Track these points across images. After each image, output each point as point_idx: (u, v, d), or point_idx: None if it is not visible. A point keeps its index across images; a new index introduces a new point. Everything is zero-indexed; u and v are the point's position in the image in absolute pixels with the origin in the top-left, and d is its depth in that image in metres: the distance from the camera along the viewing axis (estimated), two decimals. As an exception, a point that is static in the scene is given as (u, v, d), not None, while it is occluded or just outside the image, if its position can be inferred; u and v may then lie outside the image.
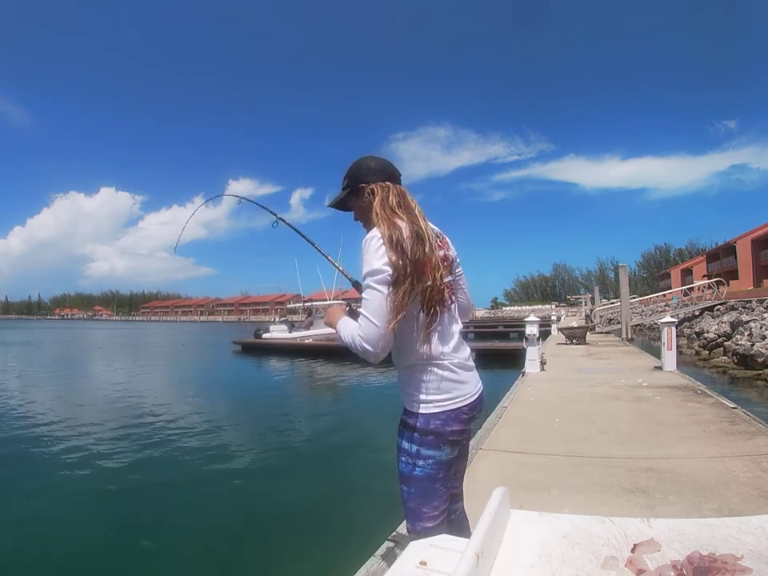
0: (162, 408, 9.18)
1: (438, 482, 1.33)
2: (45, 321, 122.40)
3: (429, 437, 1.30)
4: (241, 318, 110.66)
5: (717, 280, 23.54)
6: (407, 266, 1.21)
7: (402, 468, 1.35)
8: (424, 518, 1.35)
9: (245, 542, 3.73)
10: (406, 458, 1.34)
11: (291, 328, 24.96)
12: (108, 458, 5.91)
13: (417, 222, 1.30)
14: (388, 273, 1.21)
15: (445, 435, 1.31)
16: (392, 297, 1.21)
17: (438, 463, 1.32)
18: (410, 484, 1.34)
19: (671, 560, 0.70)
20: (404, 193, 1.39)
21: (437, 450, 1.31)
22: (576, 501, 2.60)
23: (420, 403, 1.32)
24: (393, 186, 1.38)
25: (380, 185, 1.37)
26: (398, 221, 1.28)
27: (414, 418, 1.32)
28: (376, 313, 1.21)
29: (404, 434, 1.35)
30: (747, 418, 4.28)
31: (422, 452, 1.31)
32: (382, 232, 1.25)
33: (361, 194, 1.39)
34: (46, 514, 4.28)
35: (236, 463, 5.80)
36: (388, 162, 1.44)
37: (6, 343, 31.31)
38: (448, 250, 1.41)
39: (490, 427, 4.30)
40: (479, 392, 1.40)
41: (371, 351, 1.23)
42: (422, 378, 1.32)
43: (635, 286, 66.45)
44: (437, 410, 1.31)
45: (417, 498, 1.34)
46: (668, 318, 8.34)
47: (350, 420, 8.27)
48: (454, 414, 1.32)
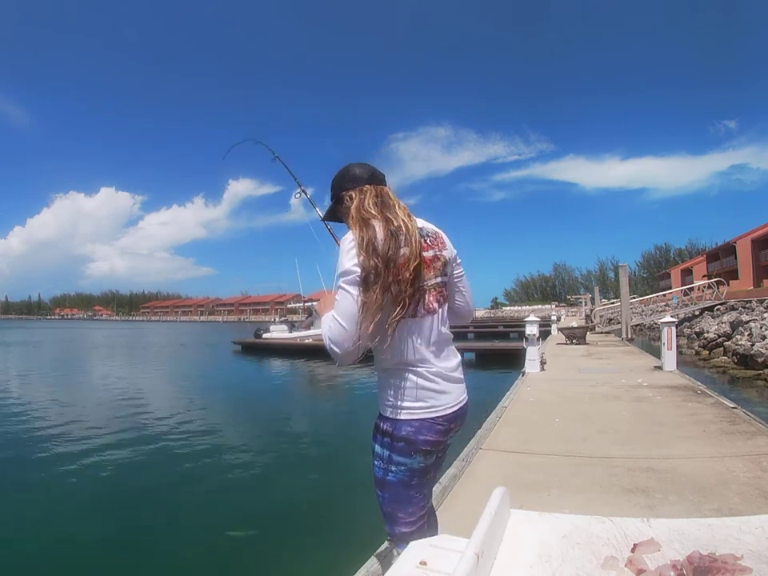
0: (162, 408, 9.18)
1: (411, 489, 1.31)
2: (45, 321, 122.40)
3: (400, 443, 1.27)
4: (241, 318, 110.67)
5: (717, 280, 23.54)
6: (378, 265, 1.19)
7: (376, 472, 1.33)
8: (400, 523, 1.33)
9: (245, 541, 3.73)
10: (379, 462, 1.31)
11: (291, 328, 24.96)
12: (108, 458, 5.91)
13: (396, 221, 1.28)
14: (357, 273, 1.20)
15: (417, 444, 1.27)
16: (362, 297, 1.19)
17: (410, 470, 1.29)
18: (384, 489, 1.32)
19: (671, 560, 0.70)
20: (384, 193, 1.38)
21: (408, 457, 1.28)
22: (576, 501, 2.60)
23: (392, 408, 1.28)
24: (371, 188, 1.37)
25: (358, 189, 1.37)
26: (372, 221, 1.26)
27: (386, 423, 1.29)
28: (344, 314, 1.20)
29: (376, 437, 1.32)
30: (747, 418, 4.28)
31: (393, 458, 1.28)
32: (354, 234, 1.24)
33: (343, 202, 1.40)
34: (47, 514, 4.28)
35: (236, 463, 5.80)
36: (368, 166, 1.43)
37: (7, 343, 31.31)
38: (441, 250, 1.36)
39: (490, 427, 4.30)
40: (461, 404, 1.35)
41: (337, 353, 1.22)
42: (395, 383, 1.29)
43: (635, 286, 66.44)
44: (408, 417, 1.27)
45: (391, 503, 1.32)
46: (668, 318, 8.35)
47: (350, 420, 8.27)
48: (428, 424, 1.27)
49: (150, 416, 8.47)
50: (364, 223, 1.26)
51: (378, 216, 1.28)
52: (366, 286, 1.19)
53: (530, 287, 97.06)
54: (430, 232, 1.36)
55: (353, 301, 1.20)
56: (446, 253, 1.37)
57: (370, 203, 1.32)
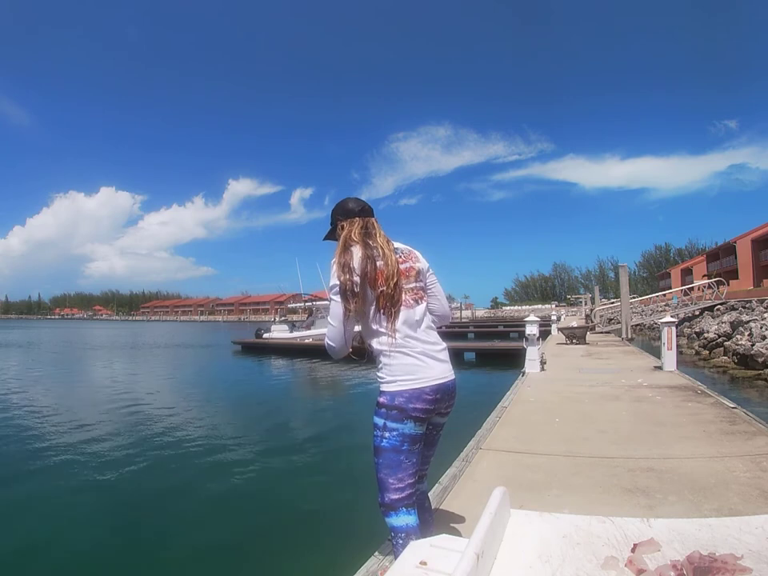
0: (162, 409, 9.19)
1: (402, 454, 1.55)
2: (45, 321, 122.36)
3: (393, 411, 1.54)
4: (241, 317, 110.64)
5: (717, 280, 23.54)
6: (354, 281, 1.55)
7: (373, 441, 1.59)
8: (390, 489, 1.55)
9: (245, 541, 3.73)
10: (377, 431, 1.57)
11: (292, 328, 24.95)
12: (109, 458, 5.91)
13: (374, 247, 1.63)
14: (338, 286, 1.56)
15: (408, 411, 1.53)
16: (345, 305, 1.56)
17: (402, 435, 1.54)
18: (379, 455, 1.57)
19: (671, 560, 0.70)
20: (370, 224, 1.73)
21: (400, 423, 1.54)
22: (576, 501, 2.60)
23: (386, 383, 1.58)
24: (360, 220, 1.72)
25: (348, 221, 1.72)
26: (353, 247, 1.62)
27: (383, 396, 1.58)
28: (333, 316, 1.60)
29: (376, 410, 1.59)
30: (747, 418, 4.27)
31: (388, 425, 1.55)
32: (337, 257, 1.62)
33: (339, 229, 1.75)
34: (47, 514, 4.29)
35: (236, 463, 5.80)
36: (360, 201, 1.78)
37: (8, 344, 31.30)
38: (415, 262, 1.72)
39: (489, 427, 4.30)
40: (446, 379, 1.63)
41: (332, 345, 1.63)
42: (386, 362, 1.59)
43: (635, 285, 66.42)
44: (400, 388, 1.55)
45: (384, 468, 1.56)
46: (668, 318, 8.34)
47: (351, 420, 8.26)
48: (417, 393, 1.55)
49: (151, 416, 8.47)
50: (345, 249, 1.63)
51: (359, 243, 1.64)
52: (346, 297, 1.55)
53: (529, 287, 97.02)
54: (404, 250, 1.73)
55: (338, 306, 1.57)
56: (418, 265, 1.72)
57: (356, 232, 1.68)
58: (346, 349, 1.63)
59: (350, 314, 1.56)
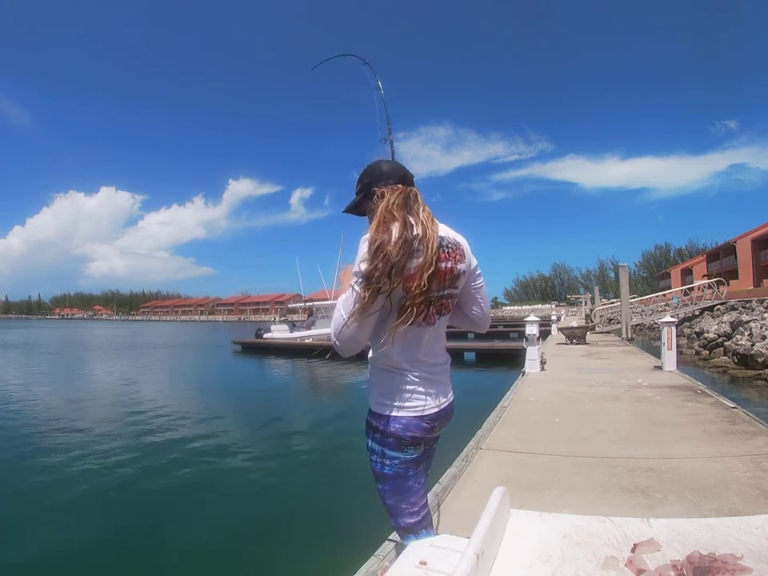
0: (162, 409, 9.18)
1: (409, 480, 1.36)
2: (45, 321, 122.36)
3: (389, 439, 1.32)
4: (241, 317, 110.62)
5: (717, 280, 23.53)
6: (381, 270, 1.19)
7: (373, 466, 1.38)
8: (405, 514, 1.38)
9: (245, 541, 3.73)
10: (375, 456, 1.36)
11: (293, 328, 24.95)
12: (110, 459, 5.91)
13: (416, 227, 1.26)
14: (363, 273, 1.21)
15: (405, 439, 1.32)
16: (361, 295, 1.21)
17: (404, 462, 1.34)
18: (383, 482, 1.37)
19: (671, 560, 0.70)
20: (414, 195, 1.35)
21: (399, 451, 1.33)
22: (576, 501, 2.60)
23: (381, 405, 1.34)
24: (403, 188, 1.35)
25: (390, 188, 1.35)
26: (392, 224, 1.25)
27: (377, 419, 1.35)
28: (344, 305, 1.25)
29: (369, 433, 1.38)
30: (747, 418, 4.27)
31: (386, 452, 1.34)
32: (370, 236, 1.23)
33: (372, 198, 1.37)
34: (48, 514, 4.28)
35: (236, 463, 5.80)
36: (400, 165, 1.43)
37: (8, 344, 31.29)
38: (458, 263, 1.33)
39: (489, 427, 4.30)
40: (446, 404, 1.40)
41: (336, 344, 1.28)
42: (386, 383, 1.34)
43: (635, 285, 66.40)
44: (396, 414, 1.32)
45: (392, 495, 1.37)
46: (668, 318, 8.34)
47: (351, 420, 8.26)
48: (415, 422, 1.33)
49: (151, 417, 8.46)
50: (384, 225, 1.25)
51: (399, 219, 1.25)
52: (365, 286, 1.20)
53: (529, 287, 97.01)
54: (450, 242, 1.33)
55: (355, 296, 1.23)
56: (461, 266, 1.34)
57: (397, 205, 1.29)
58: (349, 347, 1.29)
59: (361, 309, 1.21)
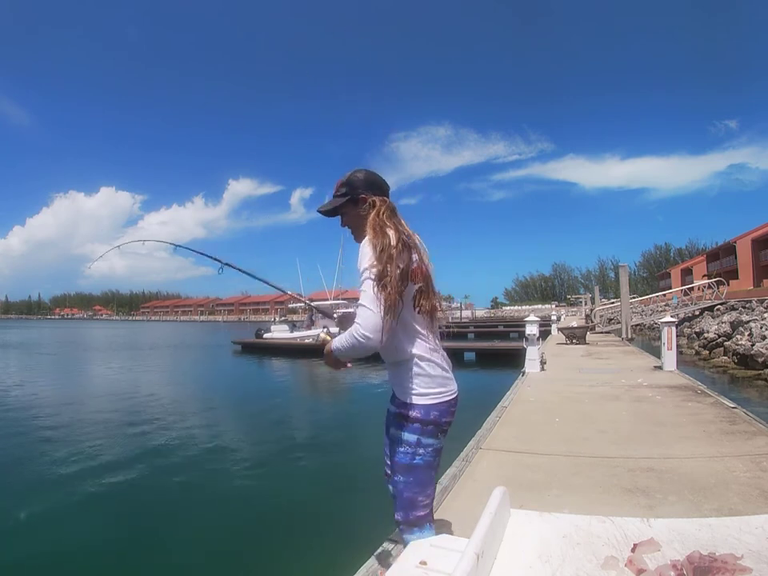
0: (162, 409, 9.19)
1: (433, 469, 1.46)
2: (45, 321, 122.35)
3: (429, 426, 1.41)
4: (241, 317, 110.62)
5: (717, 280, 23.53)
6: (391, 268, 1.34)
7: (401, 459, 1.43)
8: (418, 507, 1.45)
9: (245, 541, 3.73)
10: (406, 448, 1.42)
11: (292, 328, 24.95)
12: (110, 459, 5.91)
13: (406, 233, 1.46)
14: (377, 269, 1.34)
15: (441, 425, 1.43)
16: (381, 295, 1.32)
17: (435, 450, 1.44)
18: (409, 473, 1.42)
19: (671, 560, 0.70)
20: (395, 208, 1.54)
21: (435, 438, 1.43)
22: (576, 501, 2.60)
23: (419, 396, 1.42)
24: (388, 201, 1.52)
25: (379, 198, 1.50)
26: (388, 231, 1.42)
27: (415, 410, 1.41)
28: (372, 301, 1.32)
29: (403, 425, 1.43)
30: (747, 418, 4.27)
31: (422, 441, 1.41)
32: (375, 239, 1.39)
33: (360, 204, 1.51)
34: (48, 514, 4.28)
35: (236, 463, 5.80)
36: (383, 179, 1.60)
37: (8, 344, 31.29)
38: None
39: (489, 427, 4.30)
40: (457, 389, 1.53)
41: (370, 337, 1.32)
42: (419, 372, 1.43)
43: (635, 285, 66.40)
44: (434, 402, 1.42)
45: (415, 486, 1.43)
46: (668, 318, 8.34)
47: (351, 419, 8.27)
48: (446, 407, 1.45)
49: (151, 416, 8.47)
50: (383, 232, 1.41)
51: (392, 227, 1.43)
52: (382, 286, 1.32)
53: (529, 287, 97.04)
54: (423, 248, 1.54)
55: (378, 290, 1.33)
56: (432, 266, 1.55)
57: (387, 215, 1.47)
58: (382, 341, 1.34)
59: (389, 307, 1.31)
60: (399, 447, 1.42)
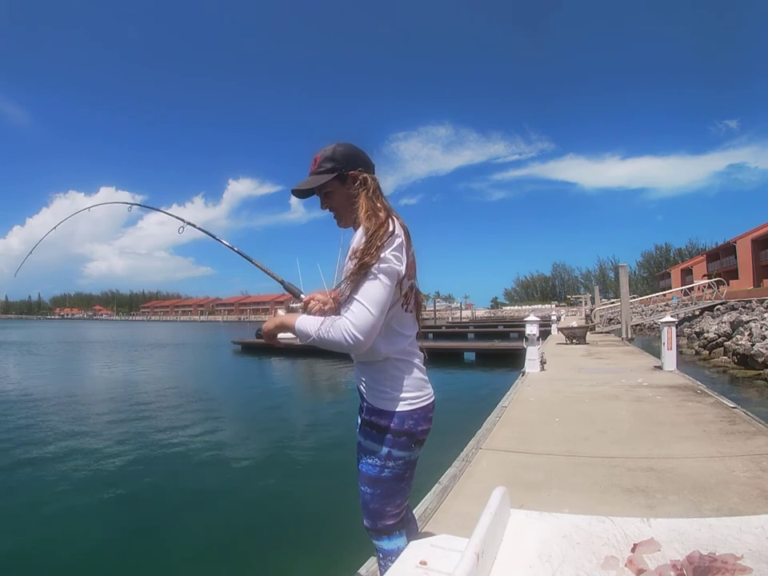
0: (162, 409, 9.19)
1: (404, 482, 1.30)
2: (45, 321, 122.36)
3: (402, 438, 1.25)
4: (241, 317, 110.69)
5: (717, 280, 23.55)
6: (401, 265, 1.18)
7: (368, 470, 1.28)
8: (386, 516, 1.31)
9: (245, 541, 3.73)
10: (374, 460, 1.27)
11: None
12: (110, 459, 5.91)
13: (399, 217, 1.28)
14: (394, 264, 1.16)
15: (416, 435, 1.27)
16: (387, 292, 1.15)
17: (407, 463, 1.28)
18: (376, 486, 1.28)
19: (671, 560, 0.70)
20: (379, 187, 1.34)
21: (407, 450, 1.26)
22: (576, 501, 2.60)
23: (394, 401, 1.25)
24: (377, 179, 1.33)
25: (370, 176, 1.30)
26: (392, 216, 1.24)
27: (387, 418, 1.25)
28: (375, 301, 1.13)
29: (373, 435, 1.27)
30: (747, 418, 4.27)
31: (393, 453, 1.25)
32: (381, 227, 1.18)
33: (349, 182, 1.30)
34: (49, 514, 4.28)
35: (236, 463, 5.80)
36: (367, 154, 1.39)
37: (8, 343, 31.29)
38: None
39: (489, 427, 4.30)
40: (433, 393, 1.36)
41: (361, 340, 1.13)
42: (395, 374, 1.26)
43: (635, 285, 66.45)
44: (410, 408, 1.25)
45: (382, 498, 1.29)
46: (668, 318, 8.33)
47: (351, 420, 8.26)
48: (424, 413, 1.28)
49: (151, 417, 8.47)
50: (375, 213, 1.21)
51: (383, 210, 1.24)
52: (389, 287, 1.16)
53: (529, 287, 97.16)
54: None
55: (385, 290, 1.15)
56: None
57: (376, 194, 1.28)
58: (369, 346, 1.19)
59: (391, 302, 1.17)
60: (366, 457, 1.28)
